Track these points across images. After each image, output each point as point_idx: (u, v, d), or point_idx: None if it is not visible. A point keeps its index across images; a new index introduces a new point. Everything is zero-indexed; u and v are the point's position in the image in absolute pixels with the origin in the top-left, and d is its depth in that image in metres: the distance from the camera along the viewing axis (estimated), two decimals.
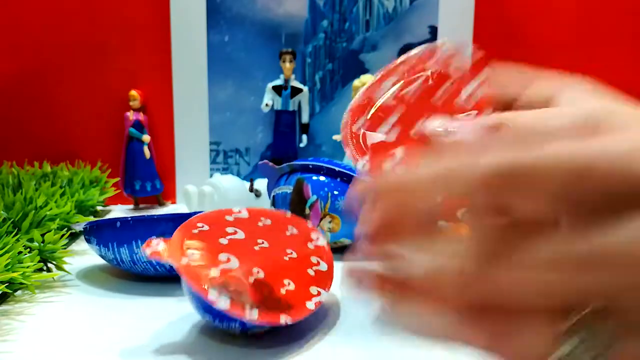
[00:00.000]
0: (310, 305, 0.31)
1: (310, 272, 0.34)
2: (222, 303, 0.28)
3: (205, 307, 0.31)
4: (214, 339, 0.32)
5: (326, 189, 0.49)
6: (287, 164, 0.53)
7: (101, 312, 0.36)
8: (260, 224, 0.37)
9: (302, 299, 0.31)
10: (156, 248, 0.30)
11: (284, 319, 0.29)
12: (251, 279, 0.31)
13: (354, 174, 0.49)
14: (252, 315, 0.28)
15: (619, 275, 0.15)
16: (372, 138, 0.22)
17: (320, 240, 0.37)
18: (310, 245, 0.36)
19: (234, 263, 0.31)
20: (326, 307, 0.37)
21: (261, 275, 0.31)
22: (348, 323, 0.35)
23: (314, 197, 0.49)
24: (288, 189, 0.51)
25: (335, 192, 0.49)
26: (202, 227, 0.34)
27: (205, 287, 0.29)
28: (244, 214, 0.37)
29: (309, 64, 0.76)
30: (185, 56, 0.74)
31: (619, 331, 0.16)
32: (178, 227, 0.33)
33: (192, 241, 0.32)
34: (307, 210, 0.49)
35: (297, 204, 0.50)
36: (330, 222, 0.49)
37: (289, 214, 0.41)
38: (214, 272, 0.30)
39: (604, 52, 0.77)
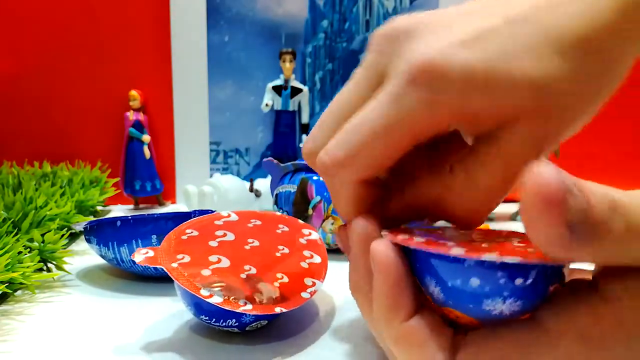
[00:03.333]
0: (305, 295, 0.31)
1: (304, 264, 0.34)
2: (215, 299, 0.28)
3: (200, 308, 0.31)
4: (214, 337, 0.32)
5: None
6: (292, 162, 0.52)
7: (101, 312, 0.36)
8: (250, 225, 0.37)
9: (296, 290, 0.31)
10: (145, 256, 0.31)
11: (279, 309, 0.29)
12: (243, 276, 0.31)
13: None
14: (245, 308, 0.28)
15: None
16: None
17: (313, 234, 0.37)
18: (303, 240, 0.36)
19: (225, 262, 0.32)
20: (324, 304, 0.37)
21: (253, 271, 0.31)
22: (346, 320, 0.35)
23: (318, 198, 0.49)
24: (292, 187, 0.51)
25: None
26: (191, 232, 0.34)
27: (197, 285, 0.29)
28: (234, 217, 0.37)
29: (309, 64, 0.76)
30: (185, 56, 0.74)
31: None
32: (166, 235, 0.34)
33: (182, 246, 0.32)
34: (310, 211, 0.49)
35: (301, 204, 0.50)
36: (332, 223, 0.49)
37: (279, 213, 0.41)
38: (205, 272, 0.30)
39: None
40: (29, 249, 0.42)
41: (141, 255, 0.31)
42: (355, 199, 0.23)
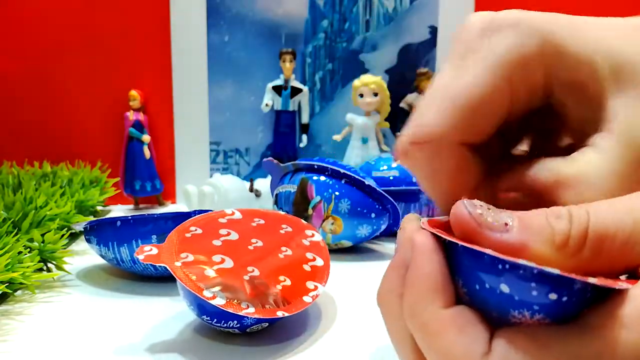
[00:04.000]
0: (307, 299, 0.31)
1: (306, 267, 0.34)
2: (217, 301, 0.28)
3: (202, 308, 0.30)
4: (215, 338, 0.32)
5: (330, 190, 0.49)
6: (292, 162, 0.52)
7: (101, 312, 0.36)
8: (253, 224, 0.37)
9: (298, 293, 0.31)
10: (149, 253, 0.30)
11: (281, 313, 0.29)
12: (246, 277, 0.31)
13: (358, 177, 0.49)
14: (248, 311, 0.28)
15: None
16: None
17: (316, 236, 0.37)
18: (306, 242, 0.36)
19: (229, 263, 0.31)
20: (324, 305, 0.37)
21: (256, 273, 0.31)
22: (346, 321, 0.35)
23: (318, 198, 0.49)
24: (292, 187, 0.51)
25: (339, 194, 0.48)
26: (195, 230, 0.34)
27: (200, 286, 0.29)
28: (237, 216, 0.37)
29: (309, 64, 0.76)
30: (185, 56, 0.74)
31: None
32: (170, 232, 0.33)
33: (186, 245, 0.32)
34: (310, 211, 0.49)
35: (301, 204, 0.50)
36: (332, 223, 0.49)
37: (282, 212, 0.40)
38: (209, 272, 0.30)
39: None
40: (29, 249, 0.42)
41: (144, 253, 0.31)
42: (454, 169, 0.22)
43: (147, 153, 0.72)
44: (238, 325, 0.30)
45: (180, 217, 0.40)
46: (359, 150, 0.70)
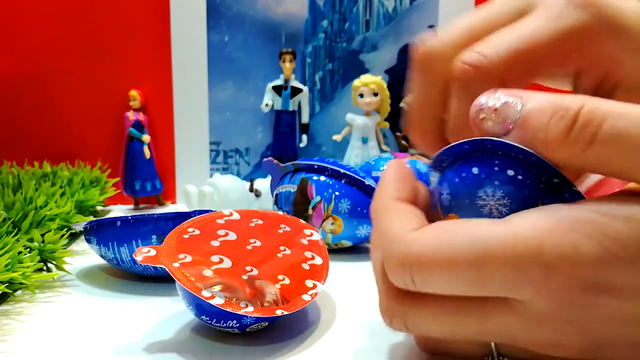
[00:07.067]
0: (307, 297, 0.31)
1: (305, 266, 0.34)
2: (216, 300, 0.28)
3: (201, 308, 0.31)
4: (214, 338, 0.32)
5: (330, 190, 0.49)
6: (292, 162, 0.52)
7: (101, 312, 0.36)
8: (252, 224, 0.37)
9: (297, 292, 0.31)
10: (147, 255, 0.31)
11: (280, 312, 0.29)
12: (244, 277, 0.31)
13: (358, 177, 0.49)
14: (247, 310, 0.28)
15: None
16: None
17: (314, 235, 0.37)
18: (304, 241, 0.36)
19: (227, 263, 0.32)
20: (324, 305, 0.37)
21: (255, 273, 0.31)
22: (346, 320, 0.35)
23: (318, 198, 0.49)
24: (292, 188, 0.51)
25: (339, 194, 0.48)
26: (193, 231, 0.34)
27: (199, 286, 0.29)
28: (235, 216, 0.37)
29: (309, 64, 0.76)
30: (185, 56, 0.74)
31: None
32: (168, 234, 0.33)
33: (184, 246, 0.32)
34: (310, 211, 0.49)
35: (301, 204, 0.50)
36: (332, 223, 0.49)
37: (281, 212, 0.41)
38: (207, 272, 0.30)
39: None
40: (29, 249, 0.42)
41: (142, 255, 0.31)
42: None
43: (147, 153, 0.72)
44: (237, 324, 0.30)
45: (180, 217, 0.40)
46: (359, 150, 0.70)
